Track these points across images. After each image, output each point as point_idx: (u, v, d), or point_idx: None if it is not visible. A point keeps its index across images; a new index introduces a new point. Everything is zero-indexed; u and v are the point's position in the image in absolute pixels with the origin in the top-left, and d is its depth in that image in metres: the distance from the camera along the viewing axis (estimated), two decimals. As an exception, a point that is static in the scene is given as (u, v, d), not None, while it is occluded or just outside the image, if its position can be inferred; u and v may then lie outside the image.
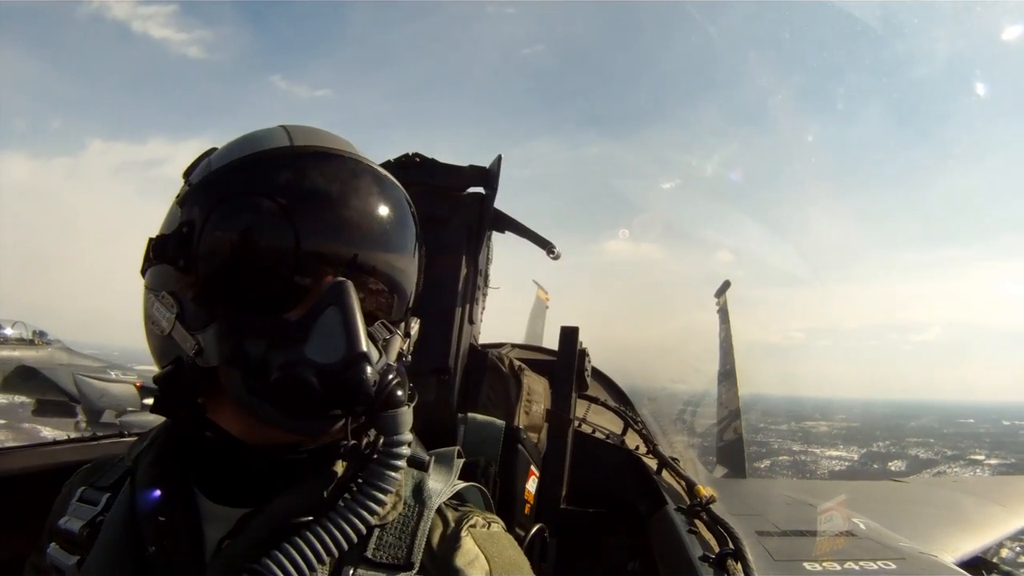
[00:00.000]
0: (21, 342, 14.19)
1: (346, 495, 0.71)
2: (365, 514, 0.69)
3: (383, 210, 0.77)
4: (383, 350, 0.74)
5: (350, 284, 0.69)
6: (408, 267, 0.81)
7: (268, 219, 0.71)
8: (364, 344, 0.67)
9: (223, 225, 0.71)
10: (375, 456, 0.71)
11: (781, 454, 28.71)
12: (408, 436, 0.71)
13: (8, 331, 14.17)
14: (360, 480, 0.71)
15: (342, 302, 0.68)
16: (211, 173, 0.76)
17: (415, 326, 0.85)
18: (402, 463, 0.70)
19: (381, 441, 0.71)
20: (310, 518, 0.69)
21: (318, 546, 0.66)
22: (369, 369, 0.67)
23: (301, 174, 0.73)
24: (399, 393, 0.70)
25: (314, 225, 0.71)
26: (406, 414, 0.70)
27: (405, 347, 0.81)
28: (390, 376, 0.70)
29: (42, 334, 14.65)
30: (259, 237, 0.71)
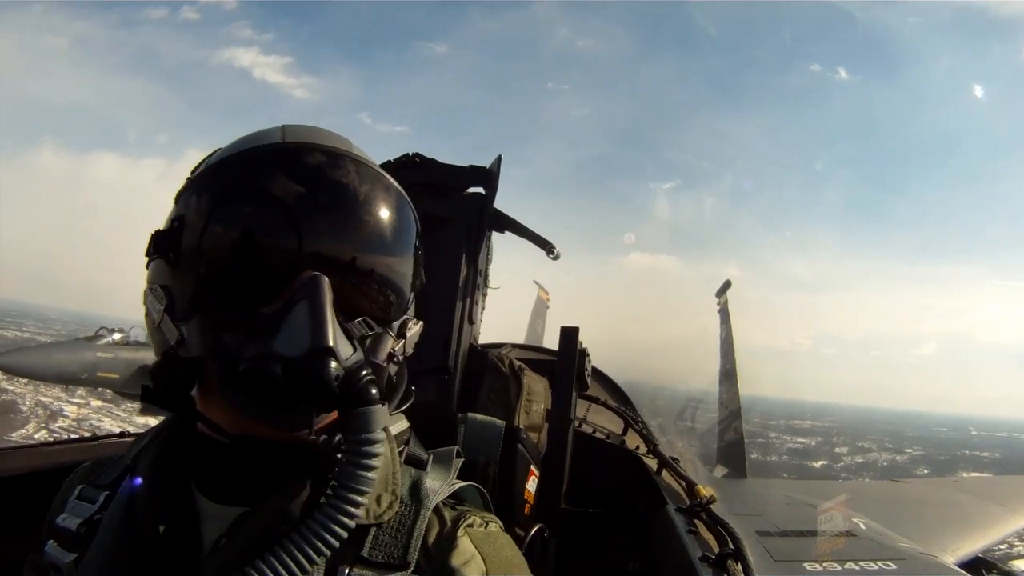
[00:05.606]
0: (139, 344, 14.43)
1: (323, 499, 0.67)
2: (343, 518, 0.65)
3: (371, 207, 0.76)
4: (364, 347, 0.72)
5: (324, 279, 0.68)
6: (398, 266, 0.79)
7: (245, 214, 0.72)
8: (330, 338, 0.66)
9: (204, 221, 0.72)
10: (342, 456, 0.67)
11: (758, 438, 33.25)
12: (380, 435, 0.67)
13: (116, 336, 14.66)
14: (334, 483, 0.67)
15: (313, 296, 0.67)
16: (202, 170, 0.78)
17: (414, 327, 0.83)
18: (376, 462, 0.67)
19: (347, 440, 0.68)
20: (297, 520, 0.68)
21: (300, 557, 0.64)
22: (333, 363, 0.65)
23: (282, 169, 0.73)
24: (373, 391, 0.67)
25: (292, 220, 0.71)
26: (379, 412, 0.67)
27: (398, 348, 0.78)
28: (362, 372, 0.68)
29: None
30: (236, 232, 0.71)
